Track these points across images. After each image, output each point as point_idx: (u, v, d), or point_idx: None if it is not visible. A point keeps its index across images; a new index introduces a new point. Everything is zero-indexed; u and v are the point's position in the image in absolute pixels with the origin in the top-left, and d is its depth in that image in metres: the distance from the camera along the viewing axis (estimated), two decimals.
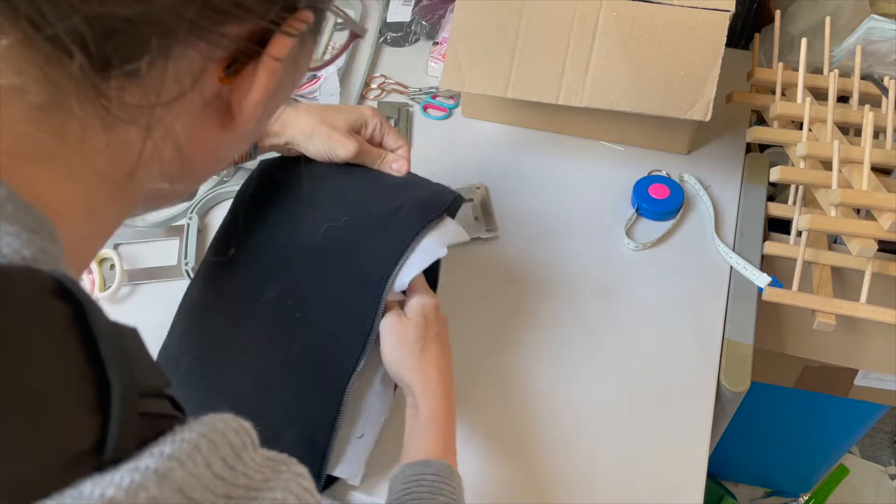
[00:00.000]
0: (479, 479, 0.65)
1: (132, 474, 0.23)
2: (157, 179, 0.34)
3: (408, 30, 1.08)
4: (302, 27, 0.33)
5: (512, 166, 0.91)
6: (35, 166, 0.29)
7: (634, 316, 0.77)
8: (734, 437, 0.98)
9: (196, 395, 0.65)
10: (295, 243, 0.67)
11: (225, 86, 0.33)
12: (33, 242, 0.27)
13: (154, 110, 0.31)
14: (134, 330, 0.28)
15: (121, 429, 0.24)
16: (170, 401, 0.28)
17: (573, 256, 0.82)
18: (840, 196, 0.72)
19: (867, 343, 0.83)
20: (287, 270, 0.66)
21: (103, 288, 0.78)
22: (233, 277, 0.68)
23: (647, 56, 0.81)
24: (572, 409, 0.70)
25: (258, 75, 0.33)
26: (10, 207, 0.27)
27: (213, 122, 0.34)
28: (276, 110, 0.39)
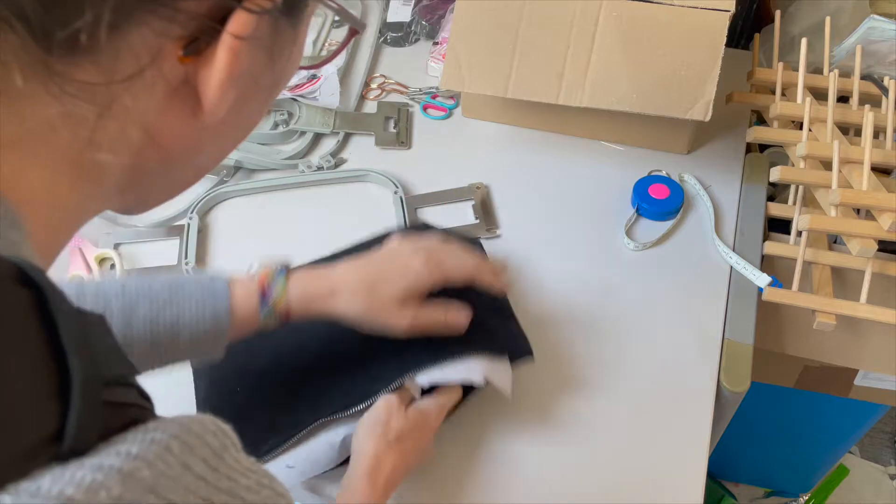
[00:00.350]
0: (478, 478, 0.65)
1: (94, 473, 0.22)
2: (130, 168, 0.33)
3: (408, 30, 1.08)
4: (266, 4, 0.31)
5: (512, 166, 0.91)
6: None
7: (634, 316, 0.77)
8: (734, 437, 0.98)
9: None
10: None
11: (188, 67, 0.31)
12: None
13: (110, 88, 0.29)
14: (101, 317, 0.28)
15: (81, 417, 0.23)
16: (137, 390, 0.28)
17: (573, 256, 0.82)
18: (840, 196, 0.72)
19: (867, 343, 0.83)
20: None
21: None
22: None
23: (647, 56, 0.81)
24: (572, 409, 0.70)
25: (218, 54, 0.30)
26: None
27: (183, 109, 0.32)
28: (258, 103, 0.36)
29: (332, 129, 0.94)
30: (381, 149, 0.94)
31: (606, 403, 0.70)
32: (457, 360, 0.62)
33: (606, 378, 0.72)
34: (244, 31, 0.30)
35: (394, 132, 0.95)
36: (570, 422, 0.69)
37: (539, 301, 0.77)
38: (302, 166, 0.90)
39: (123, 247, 0.83)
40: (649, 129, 0.90)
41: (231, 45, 0.30)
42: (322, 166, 0.90)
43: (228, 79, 0.31)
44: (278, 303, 0.57)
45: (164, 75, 0.30)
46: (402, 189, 0.87)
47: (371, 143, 0.94)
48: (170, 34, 0.29)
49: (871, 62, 0.87)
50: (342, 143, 0.94)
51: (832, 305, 0.74)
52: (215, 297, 0.55)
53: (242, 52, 0.31)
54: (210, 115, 0.32)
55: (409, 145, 0.95)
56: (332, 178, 0.89)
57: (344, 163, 0.92)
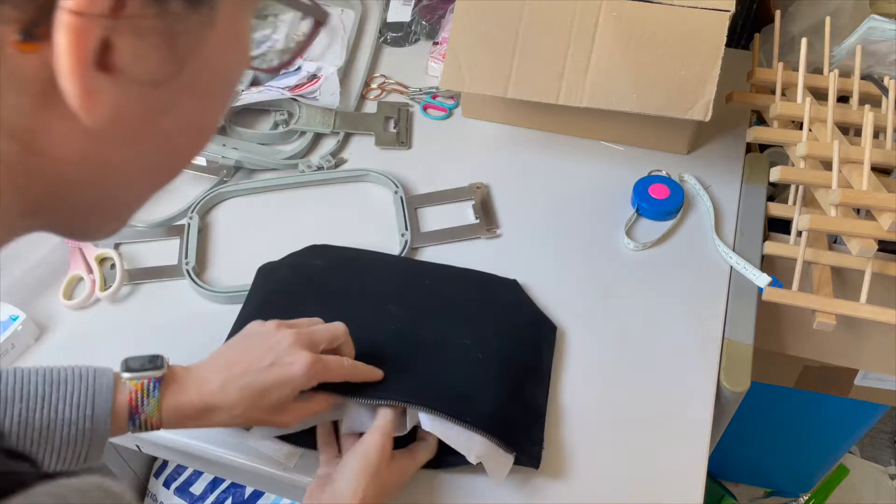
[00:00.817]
0: (477, 478, 0.65)
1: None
2: (21, 197, 0.29)
3: (408, 30, 1.08)
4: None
5: (512, 166, 0.91)
6: None
7: (634, 316, 0.77)
8: (734, 437, 0.98)
9: None
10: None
11: (40, 56, 0.26)
12: None
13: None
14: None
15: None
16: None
17: (573, 256, 0.82)
18: (840, 196, 0.72)
19: (867, 343, 0.83)
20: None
21: (104, 287, 0.78)
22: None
23: (647, 56, 0.81)
24: (572, 409, 0.70)
25: (56, 37, 0.25)
26: None
27: (66, 112, 0.27)
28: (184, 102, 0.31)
29: (332, 129, 0.94)
30: (381, 149, 0.94)
31: (606, 403, 0.70)
32: (466, 426, 0.61)
33: (606, 378, 0.72)
34: (83, 6, 0.25)
35: (394, 132, 0.95)
36: (569, 421, 0.69)
37: (539, 301, 0.77)
38: (302, 166, 0.90)
39: (124, 247, 0.83)
40: (649, 129, 0.90)
41: (70, 23, 0.25)
42: (322, 166, 0.90)
43: (78, 65, 0.26)
44: (149, 421, 0.55)
45: (11, 69, 0.26)
46: (402, 189, 0.87)
47: (371, 143, 0.94)
48: (3, 17, 0.25)
49: (871, 62, 0.87)
50: (342, 143, 0.94)
51: (832, 305, 0.74)
52: (97, 399, 0.52)
53: (92, 33, 0.26)
54: (81, 111, 0.27)
55: (409, 145, 0.95)
56: (332, 177, 0.89)
57: (344, 163, 0.92)
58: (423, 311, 0.72)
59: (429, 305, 0.73)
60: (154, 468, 1.10)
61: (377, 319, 0.70)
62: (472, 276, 0.78)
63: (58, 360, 0.73)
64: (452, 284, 0.76)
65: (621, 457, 0.67)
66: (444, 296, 0.74)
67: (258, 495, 1.04)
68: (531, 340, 0.72)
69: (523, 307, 0.76)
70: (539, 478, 0.65)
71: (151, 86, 0.29)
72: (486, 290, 0.76)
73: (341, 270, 0.76)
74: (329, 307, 0.69)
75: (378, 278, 0.76)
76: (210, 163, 0.88)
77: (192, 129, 0.33)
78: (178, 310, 0.78)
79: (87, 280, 0.79)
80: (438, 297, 0.74)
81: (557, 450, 0.67)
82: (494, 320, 0.72)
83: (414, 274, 0.77)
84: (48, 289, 0.79)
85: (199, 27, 0.29)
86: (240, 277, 0.79)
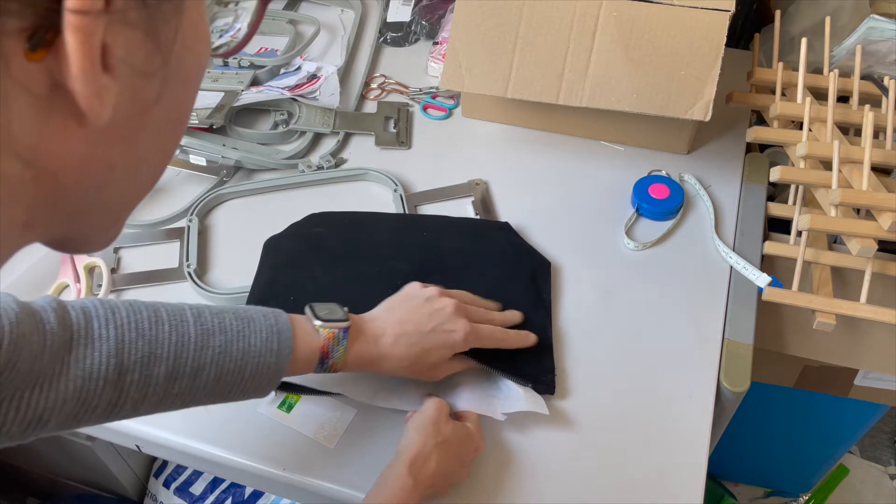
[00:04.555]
0: (477, 478, 0.65)
1: None
2: (20, 210, 0.28)
3: (408, 30, 1.08)
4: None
5: (512, 166, 0.91)
6: None
7: (634, 316, 0.77)
8: (734, 437, 0.98)
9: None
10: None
11: (48, 65, 0.26)
12: None
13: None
14: None
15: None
16: None
17: (573, 256, 0.82)
18: (840, 196, 0.72)
19: (867, 343, 0.83)
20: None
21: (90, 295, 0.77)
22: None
23: (647, 56, 0.81)
24: (572, 409, 0.70)
25: (66, 39, 0.25)
26: None
27: (65, 120, 0.27)
28: (161, 94, 0.31)
29: (332, 129, 0.94)
30: (381, 149, 0.94)
31: (606, 403, 0.70)
32: (491, 392, 0.68)
33: (606, 378, 0.72)
34: (86, 4, 0.25)
35: (394, 132, 0.95)
36: (570, 421, 0.69)
37: None
38: (302, 166, 0.90)
39: (123, 250, 0.83)
40: (649, 129, 0.90)
41: (76, 23, 0.25)
42: (322, 166, 0.90)
43: (90, 65, 0.26)
44: (334, 366, 0.60)
45: (19, 81, 0.26)
46: (401, 187, 0.87)
47: (371, 143, 0.94)
48: (5, 29, 0.25)
49: (871, 62, 0.87)
50: (342, 143, 0.94)
51: (832, 305, 0.74)
52: (280, 337, 0.56)
53: (96, 31, 0.26)
54: (92, 113, 0.27)
55: (409, 145, 0.95)
56: (332, 177, 0.89)
57: (344, 163, 0.92)
58: (425, 264, 0.76)
59: (430, 257, 0.77)
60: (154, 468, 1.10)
61: (383, 277, 0.74)
62: (466, 223, 0.83)
63: None
64: (449, 233, 0.81)
65: (621, 457, 0.67)
66: (443, 245, 0.79)
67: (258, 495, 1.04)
68: (529, 275, 0.77)
69: (517, 246, 0.80)
70: (539, 477, 0.65)
71: (143, 79, 0.29)
72: (480, 234, 0.81)
73: (342, 234, 0.80)
74: (336, 271, 0.73)
75: (378, 237, 0.80)
76: (210, 163, 0.88)
77: (177, 119, 0.34)
78: None
79: (73, 288, 0.78)
80: (438, 248, 0.78)
81: (556, 449, 0.67)
82: (492, 263, 0.77)
83: (411, 228, 0.81)
84: (37, 294, 0.79)
85: (174, 14, 0.29)
86: (242, 278, 0.79)
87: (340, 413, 0.69)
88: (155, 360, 0.50)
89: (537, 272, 0.78)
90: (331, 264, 0.76)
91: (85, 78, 0.26)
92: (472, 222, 0.83)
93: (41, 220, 0.30)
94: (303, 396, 0.69)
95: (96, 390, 0.47)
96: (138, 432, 0.69)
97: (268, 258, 0.79)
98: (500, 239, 0.80)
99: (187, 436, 0.68)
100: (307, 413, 0.69)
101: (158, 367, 0.50)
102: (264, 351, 0.55)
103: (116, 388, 0.48)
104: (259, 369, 0.55)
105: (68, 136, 0.28)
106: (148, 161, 0.34)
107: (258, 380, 0.55)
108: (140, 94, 0.30)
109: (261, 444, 0.67)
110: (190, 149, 0.88)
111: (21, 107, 0.26)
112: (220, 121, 0.90)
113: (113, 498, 1.13)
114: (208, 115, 0.89)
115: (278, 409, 0.69)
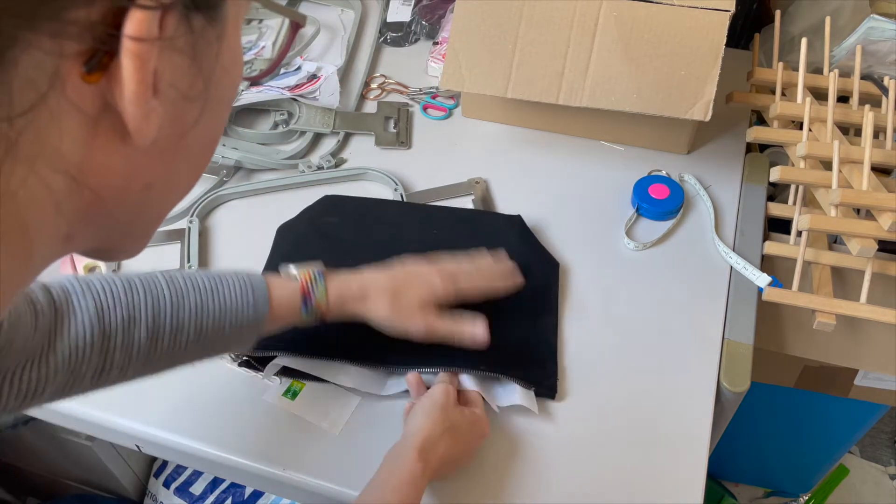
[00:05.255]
0: (477, 477, 0.65)
1: None
2: (63, 223, 0.29)
3: (408, 30, 1.08)
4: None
5: (512, 166, 0.91)
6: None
7: (634, 316, 0.77)
8: (734, 437, 0.98)
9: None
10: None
11: (101, 87, 0.27)
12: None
13: (11, 125, 0.25)
14: None
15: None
16: None
17: (573, 256, 0.82)
18: (840, 196, 0.72)
19: (867, 343, 0.83)
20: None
21: None
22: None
23: (647, 56, 0.81)
24: (571, 409, 0.70)
25: (123, 64, 0.26)
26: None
27: (110, 138, 0.28)
28: (200, 115, 0.32)
29: (332, 129, 0.94)
30: (381, 149, 0.94)
31: (606, 403, 0.70)
32: (497, 377, 0.68)
33: (606, 378, 0.72)
34: (143, 31, 0.26)
35: (394, 132, 0.95)
36: (569, 421, 0.69)
37: None
38: (302, 166, 0.90)
39: None
40: (649, 129, 0.90)
41: (134, 50, 0.26)
42: (322, 166, 0.90)
43: (143, 89, 0.27)
44: (319, 304, 0.62)
45: (73, 101, 0.27)
46: (401, 186, 0.87)
47: (371, 143, 0.94)
48: (65, 52, 0.26)
49: (871, 62, 0.87)
50: (342, 143, 0.94)
51: (832, 305, 0.74)
52: (255, 290, 0.58)
53: (151, 57, 0.27)
54: (138, 135, 0.28)
55: (409, 145, 0.95)
56: (332, 177, 0.89)
57: (344, 163, 0.92)
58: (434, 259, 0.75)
59: (440, 253, 0.75)
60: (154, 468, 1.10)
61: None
62: (478, 217, 0.83)
63: None
64: (461, 229, 0.81)
65: (621, 457, 0.67)
66: (454, 240, 0.78)
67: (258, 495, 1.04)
68: (538, 276, 0.77)
69: (528, 244, 0.80)
70: (539, 477, 0.65)
71: (186, 103, 0.31)
72: (492, 230, 0.81)
73: (353, 223, 0.81)
74: (344, 262, 0.73)
75: (388, 229, 0.81)
76: (210, 163, 0.88)
77: (210, 140, 0.35)
78: None
79: None
80: (448, 243, 0.77)
81: (556, 449, 0.67)
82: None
83: (423, 221, 0.82)
84: None
85: (216, 40, 0.31)
86: None
87: (345, 400, 0.70)
88: (134, 323, 0.52)
89: (547, 274, 0.78)
90: (339, 256, 0.75)
91: (137, 101, 0.27)
92: (484, 216, 0.84)
93: (81, 233, 0.31)
94: (307, 384, 0.70)
95: (83, 358, 0.49)
96: (138, 432, 0.69)
97: (279, 243, 0.80)
98: (513, 237, 0.80)
99: (187, 436, 0.68)
100: (312, 401, 0.70)
101: (139, 330, 0.52)
102: (241, 304, 0.57)
103: (101, 353, 0.50)
104: (238, 322, 0.57)
105: (113, 155, 0.29)
106: (180, 181, 0.35)
107: (239, 333, 0.58)
108: (182, 117, 0.31)
109: (261, 443, 0.67)
110: None
111: (72, 126, 0.27)
112: None
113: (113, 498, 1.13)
114: None
115: (283, 397, 0.70)
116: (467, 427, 0.63)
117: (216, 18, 0.30)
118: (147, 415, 0.69)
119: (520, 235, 0.81)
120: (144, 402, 0.70)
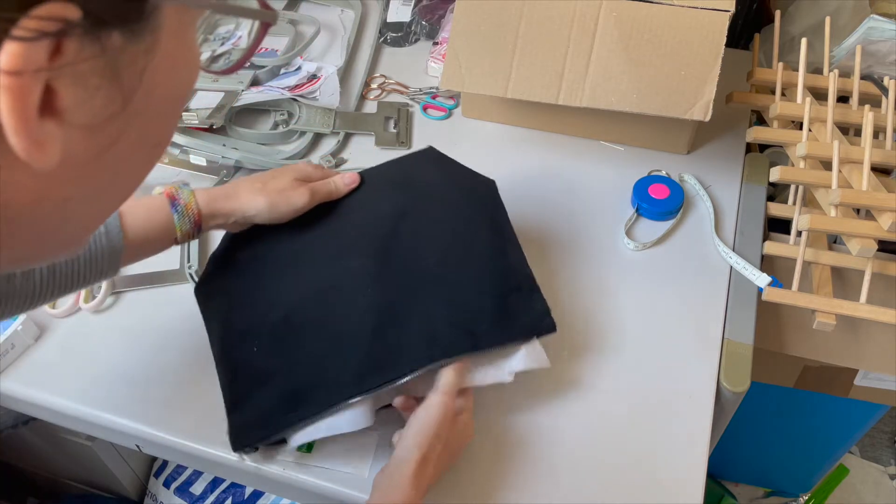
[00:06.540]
0: (474, 477, 0.65)
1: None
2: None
3: (408, 30, 1.08)
4: (48, 26, 0.25)
5: (512, 166, 0.91)
6: None
7: (634, 316, 0.77)
8: (734, 437, 0.98)
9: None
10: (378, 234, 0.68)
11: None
12: None
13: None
14: None
15: None
16: None
17: (573, 256, 0.82)
18: (840, 196, 0.72)
19: (867, 343, 0.83)
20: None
21: (88, 299, 0.77)
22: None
23: (647, 56, 0.81)
24: (571, 409, 0.70)
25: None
26: None
27: (15, 158, 0.27)
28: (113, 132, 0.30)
29: (332, 129, 0.94)
30: (381, 149, 0.94)
31: (606, 403, 0.70)
32: (487, 357, 0.65)
33: (606, 378, 0.72)
34: (19, 64, 0.25)
35: (394, 132, 0.95)
36: (569, 421, 0.69)
37: None
38: None
39: None
40: (649, 129, 0.90)
41: (6, 84, 0.25)
42: (322, 166, 0.90)
43: (23, 121, 0.26)
44: (188, 205, 0.63)
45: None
46: None
47: (371, 143, 0.94)
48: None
49: (871, 62, 0.87)
50: (342, 143, 0.94)
51: (832, 305, 0.74)
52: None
53: (34, 88, 0.26)
54: (34, 162, 0.27)
55: (409, 145, 0.95)
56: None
57: (344, 163, 0.92)
58: (379, 250, 0.67)
59: (376, 238, 0.68)
60: (154, 468, 1.10)
61: (341, 281, 0.65)
62: (399, 164, 0.76)
63: (59, 361, 0.73)
64: (387, 180, 0.73)
65: (621, 456, 0.67)
66: (382, 215, 0.69)
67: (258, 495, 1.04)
68: (484, 214, 0.71)
69: (453, 175, 0.74)
70: (539, 477, 0.65)
71: (100, 122, 0.29)
72: (415, 169, 0.74)
73: (275, 246, 0.69)
74: (286, 292, 0.66)
75: (323, 213, 0.70)
76: (210, 163, 0.88)
77: (144, 148, 0.33)
78: (183, 313, 0.77)
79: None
80: (381, 223, 0.69)
81: (556, 449, 0.67)
82: (443, 211, 0.70)
83: (351, 206, 0.72)
84: None
85: (143, 54, 0.29)
86: None
87: (363, 440, 0.67)
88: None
89: (485, 196, 0.73)
90: (283, 286, 0.67)
91: (19, 133, 0.26)
92: (404, 161, 0.76)
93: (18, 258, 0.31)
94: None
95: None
96: (138, 432, 0.69)
97: (210, 310, 0.71)
98: (438, 178, 0.73)
99: (187, 436, 0.68)
100: (330, 447, 0.66)
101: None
102: (93, 237, 0.57)
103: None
104: (93, 254, 0.58)
105: (18, 173, 0.28)
106: (108, 192, 0.34)
107: (97, 264, 0.58)
108: (96, 137, 0.29)
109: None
110: (190, 149, 0.88)
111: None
112: (220, 121, 0.90)
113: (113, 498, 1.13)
114: (208, 115, 0.89)
115: (298, 451, 0.66)
116: (457, 438, 0.62)
117: (139, 32, 0.28)
118: (147, 415, 0.69)
119: (442, 168, 0.74)
120: (144, 402, 0.70)
